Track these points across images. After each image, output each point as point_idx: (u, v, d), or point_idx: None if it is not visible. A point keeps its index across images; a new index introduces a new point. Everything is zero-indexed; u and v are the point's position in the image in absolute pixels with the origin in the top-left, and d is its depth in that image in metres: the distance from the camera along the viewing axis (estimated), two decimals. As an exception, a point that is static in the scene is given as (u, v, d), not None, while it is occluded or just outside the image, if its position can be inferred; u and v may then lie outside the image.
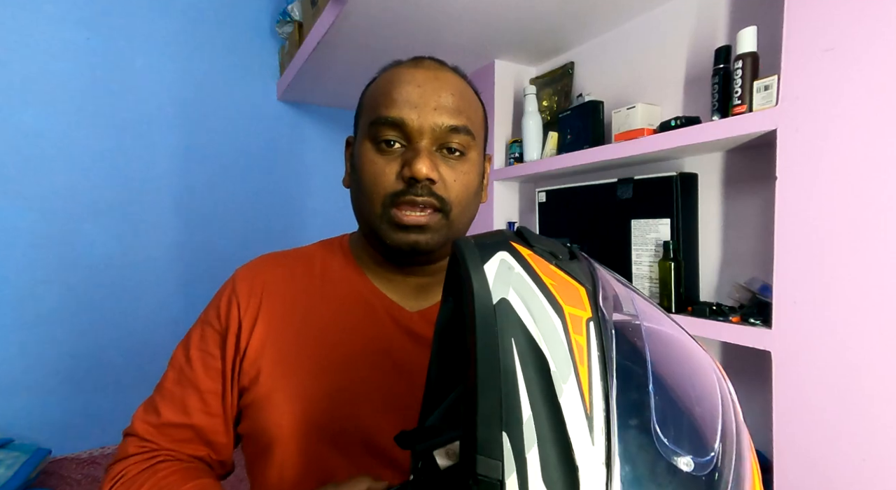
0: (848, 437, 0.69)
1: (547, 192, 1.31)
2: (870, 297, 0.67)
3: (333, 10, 1.19)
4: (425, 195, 0.49)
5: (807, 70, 0.73)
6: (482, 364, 0.23)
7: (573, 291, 0.27)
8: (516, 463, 0.22)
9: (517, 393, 0.23)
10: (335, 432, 0.50)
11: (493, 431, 0.22)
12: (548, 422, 0.23)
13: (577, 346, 0.24)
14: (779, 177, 0.77)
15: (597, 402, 0.24)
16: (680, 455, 0.25)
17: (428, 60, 0.55)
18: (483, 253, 0.26)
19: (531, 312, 0.25)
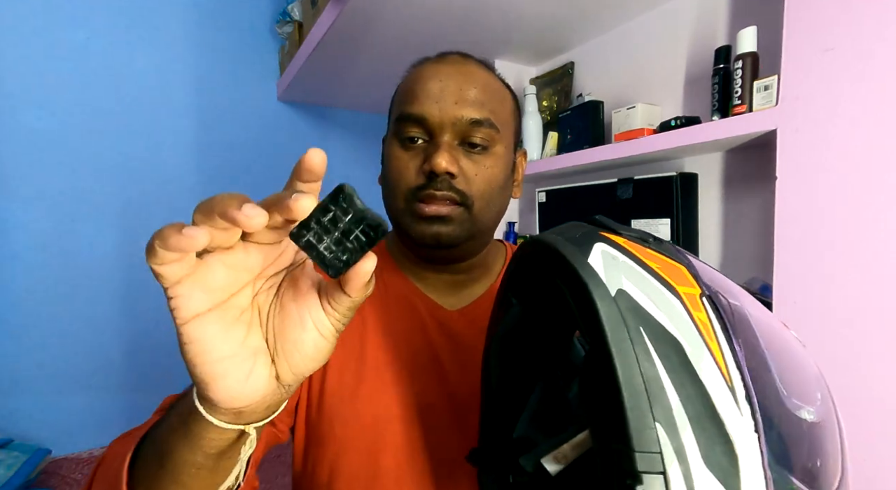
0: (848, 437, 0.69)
1: (547, 192, 1.31)
2: (870, 297, 0.67)
3: (333, 10, 1.19)
4: (445, 189, 0.49)
5: (807, 70, 0.73)
6: (620, 359, 0.23)
7: (677, 271, 0.27)
8: (675, 451, 0.22)
9: (659, 380, 0.23)
10: (389, 432, 0.50)
11: (646, 424, 0.22)
12: (695, 402, 0.23)
13: (702, 323, 0.25)
14: (779, 177, 0.77)
15: (734, 373, 0.24)
16: (802, 407, 0.26)
17: (454, 55, 0.54)
18: (581, 248, 0.26)
19: (651, 298, 0.25)
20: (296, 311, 0.28)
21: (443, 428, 0.51)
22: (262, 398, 0.28)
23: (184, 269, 0.24)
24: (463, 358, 0.53)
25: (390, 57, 1.43)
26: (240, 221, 0.22)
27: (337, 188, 0.24)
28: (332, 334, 0.29)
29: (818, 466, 0.26)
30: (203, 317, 0.25)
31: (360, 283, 0.26)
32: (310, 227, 0.24)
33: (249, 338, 0.28)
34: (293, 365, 0.28)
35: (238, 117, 1.78)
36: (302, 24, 1.55)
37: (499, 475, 0.37)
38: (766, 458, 0.23)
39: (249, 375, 0.27)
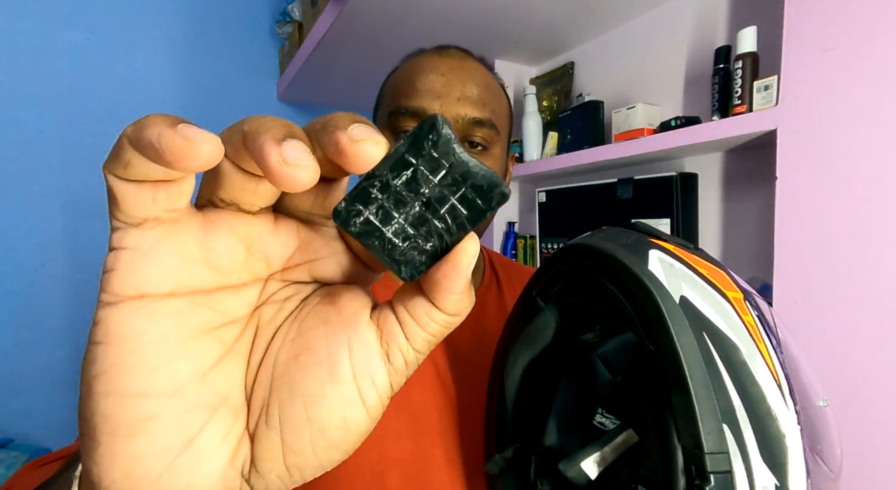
0: (847, 437, 0.69)
1: (547, 192, 1.31)
2: (870, 297, 0.67)
3: (333, 10, 1.19)
4: None
5: (807, 70, 0.73)
6: (690, 364, 0.24)
7: (721, 276, 0.28)
8: (739, 449, 0.23)
9: (723, 384, 0.24)
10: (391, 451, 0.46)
11: (717, 427, 0.23)
12: (754, 402, 0.24)
13: (751, 326, 0.26)
14: (779, 177, 0.77)
15: (779, 371, 0.26)
16: (819, 396, 0.28)
17: (453, 49, 0.52)
18: (638, 255, 0.27)
19: (709, 304, 0.26)
20: (323, 341, 0.16)
21: (448, 437, 0.48)
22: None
23: (163, 204, 0.14)
24: (459, 362, 0.52)
25: (390, 57, 1.42)
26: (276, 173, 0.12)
27: (424, 123, 0.14)
28: (384, 396, 0.16)
29: (826, 447, 0.28)
30: (153, 303, 0.14)
31: (459, 285, 0.15)
32: (367, 198, 0.14)
33: (219, 371, 0.16)
34: (294, 450, 0.15)
35: (238, 117, 1.75)
36: (302, 24, 1.55)
37: (524, 482, 0.37)
38: (806, 447, 0.25)
39: (190, 447, 0.15)
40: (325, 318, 0.17)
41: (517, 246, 1.49)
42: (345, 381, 0.15)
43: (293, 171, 0.12)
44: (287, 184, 0.13)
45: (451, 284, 0.15)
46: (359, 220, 0.15)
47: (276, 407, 0.16)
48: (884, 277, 0.66)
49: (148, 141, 0.12)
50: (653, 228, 0.31)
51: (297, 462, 0.15)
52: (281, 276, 0.17)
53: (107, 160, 0.14)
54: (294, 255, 0.17)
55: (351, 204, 0.15)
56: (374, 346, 0.16)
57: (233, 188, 0.15)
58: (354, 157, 0.13)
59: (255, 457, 0.16)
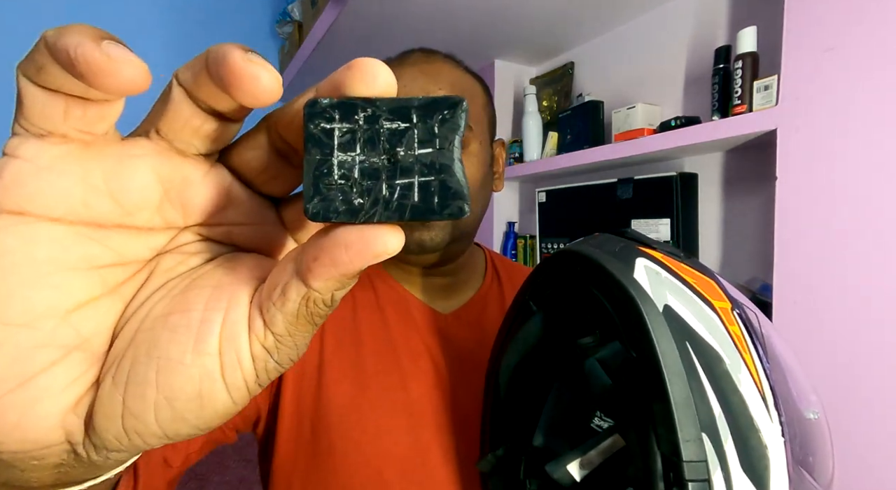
0: (847, 438, 0.69)
1: (547, 192, 1.31)
2: (870, 298, 0.67)
3: (333, 10, 1.19)
4: None
5: (807, 70, 0.73)
6: (670, 373, 0.24)
7: (709, 285, 0.28)
8: (718, 458, 0.23)
9: (705, 393, 0.24)
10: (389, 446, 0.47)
11: (696, 436, 0.23)
12: (735, 413, 0.24)
13: (736, 337, 0.26)
14: (779, 177, 0.77)
15: (764, 382, 0.26)
16: (809, 408, 0.28)
17: (416, 53, 0.51)
18: (624, 263, 0.27)
19: (693, 313, 0.26)
20: (202, 304, 0.14)
21: (445, 433, 0.49)
22: (29, 443, 0.13)
23: (75, 123, 0.13)
24: (459, 361, 0.52)
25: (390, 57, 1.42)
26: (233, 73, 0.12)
27: (449, 99, 0.13)
28: (245, 378, 0.14)
29: (817, 460, 0.28)
30: (31, 224, 0.13)
31: (347, 265, 0.13)
32: (351, 115, 0.13)
33: (86, 314, 0.14)
34: (133, 414, 0.14)
35: (238, 117, 1.78)
36: (302, 24, 1.55)
37: (513, 481, 0.37)
38: (790, 459, 0.25)
39: (30, 384, 0.13)
40: (217, 282, 0.15)
41: (517, 246, 1.49)
42: (209, 353, 0.14)
43: (257, 69, 0.12)
44: (249, 83, 0.12)
45: (324, 261, 0.13)
46: (322, 125, 0.13)
47: (128, 363, 0.14)
48: (884, 277, 0.66)
49: (64, 48, 0.11)
50: (643, 236, 0.31)
51: (137, 427, 0.14)
52: (197, 229, 0.16)
53: (22, 60, 0.12)
54: (218, 214, 0.16)
55: (332, 107, 0.13)
56: (244, 319, 0.14)
57: (176, 118, 0.14)
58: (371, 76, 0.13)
59: (93, 411, 0.14)
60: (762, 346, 0.27)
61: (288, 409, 0.48)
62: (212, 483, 1.50)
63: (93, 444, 0.14)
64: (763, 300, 0.84)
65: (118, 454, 0.15)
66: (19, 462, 0.14)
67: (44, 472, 0.15)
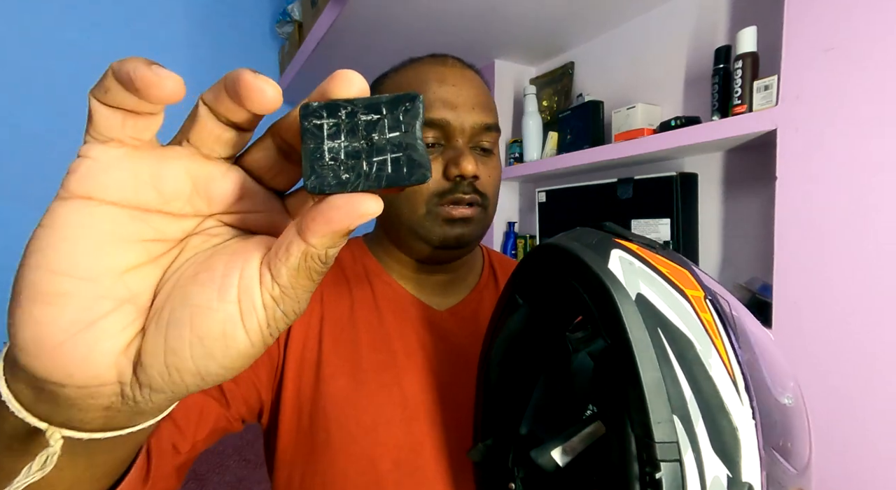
0: (847, 438, 0.69)
1: (547, 192, 1.31)
2: (870, 298, 0.67)
3: (333, 10, 1.19)
4: (470, 192, 0.50)
5: (807, 70, 0.73)
6: (642, 358, 0.25)
7: (683, 275, 0.29)
8: (689, 440, 0.24)
9: (676, 377, 0.25)
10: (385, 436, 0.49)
11: (665, 417, 0.24)
12: (706, 395, 0.25)
13: (708, 323, 0.27)
14: (779, 177, 0.77)
15: (735, 367, 0.27)
16: (783, 394, 0.29)
17: (451, 58, 0.55)
18: (599, 254, 0.28)
19: (666, 302, 0.27)
20: (222, 265, 0.18)
21: (439, 426, 0.51)
22: (89, 380, 0.17)
23: (129, 131, 0.17)
24: (455, 357, 0.54)
25: (390, 57, 1.42)
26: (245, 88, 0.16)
27: (408, 94, 0.17)
28: (259, 322, 0.18)
29: (793, 445, 0.29)
30: (97, 206, 0.17)
31: (337, 223, 0.16)
32: (336, 112, 0.17)
33: (136, 275, 0.18)
34: (173, 350, 0.17)
35: (238, 117, 1.78)
36: (302, 24, 1.55)
37: (502, 469, 0.39)
38: (761, 442, 0.26)
39: (89, 327, 0.17)
40: (234, 249, 0.19)
41: (517, 246, 1.49)
42: (230, 301, 0.18)
43: (263, 84, 0.16)
44: (257, 94, 0.16)
45: (330, 221, 0.16)
46: (314, 122, 0.17)
47: (167, 311, 0.18)
48: (884, 277, 0.66)
49: (126, 71, 0.16)
50: (621, 229, 0.32)
51: (176, 363, 0.17)
52: (218, 216, 0.20)
53: (93, 86, 0.17)
54: (235, 204, 0.20)
55: (321, 108, 0.17)
56: (255, 276, 0.18)
57: (202, 130, 0.18)
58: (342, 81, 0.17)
59: (141, 350, 0.18)
60: (734, 332, 0.28)
61: (289, 402, 0.50)
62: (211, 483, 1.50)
63: (139, 382, 0.18)
64: (763, 300, 0.84)
65: (158, 395, 0.18)
66: (80, 400, 0.18)
67: (96, 412, 0.18)
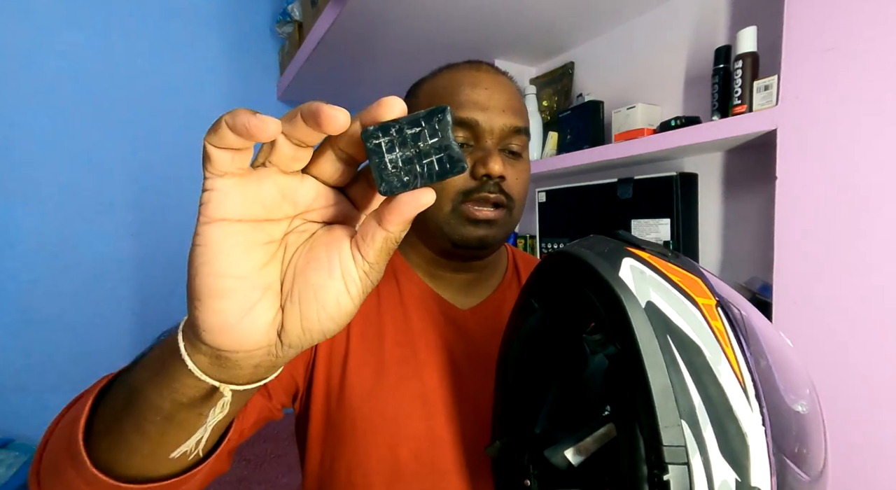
0: (847, 437, 0.69)
1: (547, 192, 1.31)
2: (870, 298, 0.67)
3: (333, 10, 1.19)
4: (496, 192, 0.51)
5: (807, 70, 0.73)
6: (650, 364, 0.26)
7: (694, 283, 0.30)
8: (697, 444, 0.25)
9: (684, 383, 0.26)
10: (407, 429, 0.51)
11: (673, 421, 0.25)
12: (715, 402, 0.26)
13: (718, 331, 0.28)
14: (779, 177, 0.77)
15: (746, 374, 0.27)
16: (797, 401, 0.29)
17: (486, 64, 0.57)
18: (611, 262, 0.29)
19: (675, 309, 0.28)
20: (325, 254, 0.25)
21: (457, 422, 0.53)
22: (253, 346, 0.25)
23: (237, 164, 0.23)
24: (475, 355, 0.55)
25: (390, 57, 1.42)
26: (324, 118, 0.22)
27: (438, 108, 0.22)
28: (358, 290, 0.25)
29: (807, 452, 0.29)
30: (230, 224, 0.23)
31: (406, 213, 0.23)
32: (388, 132, 0.22)
33: (267, 269, 0.25)
34: (306, 317, 0.25)
35: (238, 117, 1.78)
36: (302, 24, 1.55)
37: (518, 466, 0.40)
38: (771, 448, 0.26)
39: (250, 310, 0.24)
40: (326, 241, 0.26)
41: (517, 246, 1.49)
42: (337, 278, 0.25)
43: (336, 112, 0.21)
44: (331, 121, 0.22)
45: (400, 211, 0.23)
46: (374, 142, 0.22)
47: (296, 292, 0.25)
48: (884, 277, 0.66)
49: (241, 123, 0.21)
50: (634, 237, 0.33)
51: (308, 326, 0.25)
52: (303, 216, 0.27)
53: (208, 134, 0.22)
54: (312, 204, 0.26)
55: (376, 130, 0.22)
56: (350, 257, 0.25)
57: (281, 153, 0.23)
58: (385, 108, 0.22)
59: (283, 320, 0.25)
60: (746, 340, 0.28)
61: (319, 390, 0.53)
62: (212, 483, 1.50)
63: (281, 343, 0.26)
64: (763, 300, 0.84)
65: (292, 350, 0.26)
66: (242, 361, 0.25)
67: (248, 370, 0.26)
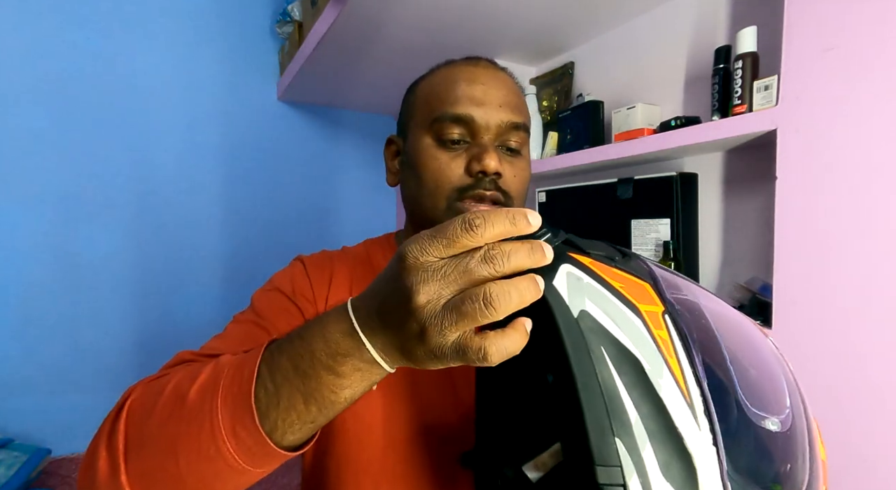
0: (847, 437, 0.69)
1: (547, 192, 1.31)
2: (870, 298, 0.67)
3: (333, 10, 1.19)
4: (492, 189, 0.50)
5: (807, 70, 0.73)
6: (581, 378, 0.24)
7: (640, 289, 0.28)
8: (635, 464, 0.23)
9: (619, 398, 0.24)
10: (396, 430, 0.51)
11: (607, 439, 0.23)
12: (654, 418, 0.24)
13: (662, 341, 0.25)
14: (779, 177, 0.77)
15: (692, 388, 0.25)
16: (766, 418, 0.27)
17: (484, 60, 0.56)
18: (547, 269, 0.27)
19: (612, 318, 0.25)
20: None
21: (446, 427, 0.52)
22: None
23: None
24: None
25: (390, 57, 1.42)
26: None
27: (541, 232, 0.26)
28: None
29: (783, 472, 0.27)
30: None
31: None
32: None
33: None
34: None
35: (238, 117, 1.78)
36: (302, 24, 1.55)
37: (488, 479, 0.39)
38: (724, 470, 0.24)
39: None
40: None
41: (517, 246, 1.49)
42: None
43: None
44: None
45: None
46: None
47: None
48: (884, 277, 0.66)
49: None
50: (582, 241, 0.31)
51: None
52: None
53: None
54: None
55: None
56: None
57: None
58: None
59: None
60: (696, 350, 0.26)
61: None
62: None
63: None
64: (763, 300, 0.84)
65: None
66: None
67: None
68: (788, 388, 0.30)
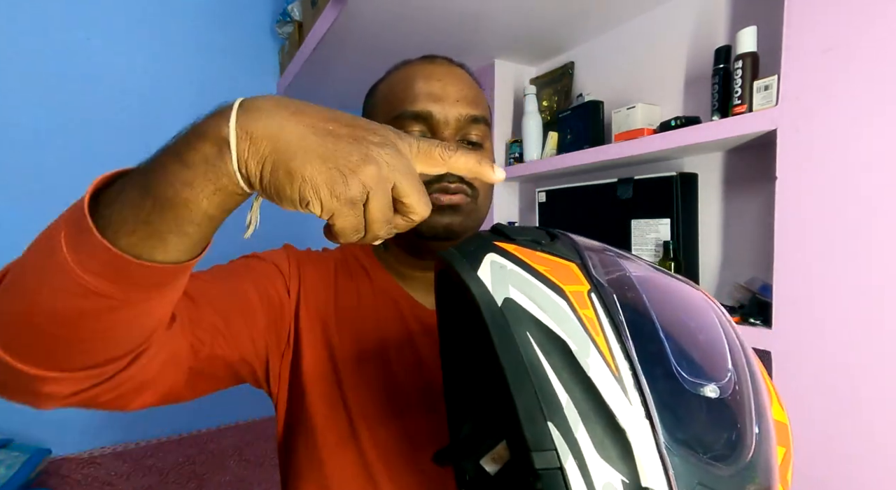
0: (846, 437, 0.69)
1: (547, 192, 1.31)
2: (870, 298, 0.67)
3: (333, 10, 1.19)
4: (456, 182, 0.52)
5: (807, 70, 0.73)
6: (508, 365, 0.24)
7: (566, 270, 0.28)
8: (569, 446, 0.23)
9: (548, 381, 0.24)
10: (370, 424, 0.51)
11: (539, 425, 0.23)
12: (585, 398, 0.24)
13: (588, 320, 0.26)
14: (779, 177, 0.77)
15: (621, 364, 0.25)
16: (704, 385, 0.27)
17: (440, 58, 0.57)
18: (471, 260, 0.27)
19: (536, 302, 0.26)
20: None
21: (422, 419, 0.52)
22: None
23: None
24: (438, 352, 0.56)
25: (390, 57, 1.42)
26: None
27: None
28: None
29: (728, 438, 0.26)
30: None
31: None
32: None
33: None
34: None
35: (238, 117, 1.78)
36: (302, 24, 1.55)
37: (458, 475, 0.39)
38: (661, 442, 0.24)
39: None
40: None
41: (517, 246, 1.49)
42: None
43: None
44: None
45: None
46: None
47: None
48: (884, 277, 0.66)
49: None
50: (510, 229, 0.31)
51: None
52: None
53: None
54: None
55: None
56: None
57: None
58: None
59: None
60: (625, 325, 0.26)
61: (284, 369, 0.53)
62: (212, 483, 1.49)
63: None
64: (763, 300, 0.84)
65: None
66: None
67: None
68: (732, 353, 0.30)
